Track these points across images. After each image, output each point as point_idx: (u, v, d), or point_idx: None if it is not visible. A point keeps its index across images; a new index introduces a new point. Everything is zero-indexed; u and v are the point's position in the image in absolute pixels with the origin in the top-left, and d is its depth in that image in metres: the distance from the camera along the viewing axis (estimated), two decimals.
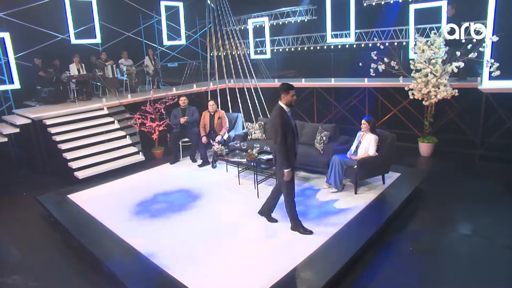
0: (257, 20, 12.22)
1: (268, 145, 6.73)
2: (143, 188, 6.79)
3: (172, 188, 6.74)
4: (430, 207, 5.69)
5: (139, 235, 5.09)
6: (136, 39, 12.70)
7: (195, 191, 6.55)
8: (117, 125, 8.69)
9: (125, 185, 7.06)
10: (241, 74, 10.23)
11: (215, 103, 8.09)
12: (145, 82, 11.97)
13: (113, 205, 6.16)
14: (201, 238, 4.90)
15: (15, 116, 8.77)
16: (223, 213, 5.61)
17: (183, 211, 5.78)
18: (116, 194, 6.62)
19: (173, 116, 8.36)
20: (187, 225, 5.30)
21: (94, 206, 6.12)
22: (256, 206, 5.67)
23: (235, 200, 6.04)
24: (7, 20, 10.03)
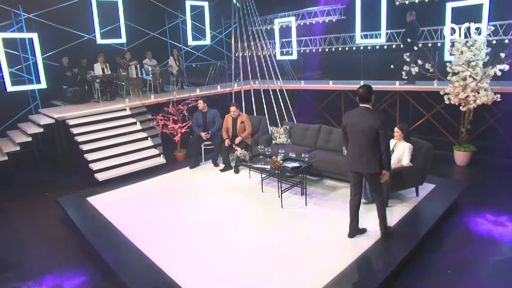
0: (283, 20, 11.91)
1: (294, 151, 6.38)
2: (162, 193, 6.59)
3: (191, 194, 6.50)
4: (468, 223, 5.19)
5: (154, 244, 4.84)
6: (161, 39, 12.61)
7: (216, 197, 6.28)
8: (139, 127, 8.55)
9: (144, 189, 6.88)
10: (266, 75, 10.01)
11: (237, 109, 7.79)
12: (169, 82, 11.84)
13: (130, 210, 5.96)
14: (219, 249, 4.60)
15: (40, 116, 8.77)
16: (244, 224, 5.28)
17: (202, 219, 5.50)
18: (135, 199, 6.44)
19: (194, 119, 8.17)
20: (205, 235, 5.01)
21: (112, 210, 5.95)
22: (279, 216, 5.35)
23: (257, 210, 5.72)
24: (36, 21, 10.08)
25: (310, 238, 4.73)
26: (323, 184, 6.58)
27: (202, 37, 12.76)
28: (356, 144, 4.26)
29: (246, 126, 7.77)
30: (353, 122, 4.23)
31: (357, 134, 4.23)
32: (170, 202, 6.19)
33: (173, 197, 6.41)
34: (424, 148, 5.56)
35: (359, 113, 4.23)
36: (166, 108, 8.67)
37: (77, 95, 9.76)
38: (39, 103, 9.83)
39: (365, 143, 4.20)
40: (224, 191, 6.52)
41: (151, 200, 6.31)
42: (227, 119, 7.88)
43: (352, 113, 4.29)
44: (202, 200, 6.21)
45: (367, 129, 4.14)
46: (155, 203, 6.20)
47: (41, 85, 9.37)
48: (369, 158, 4.23)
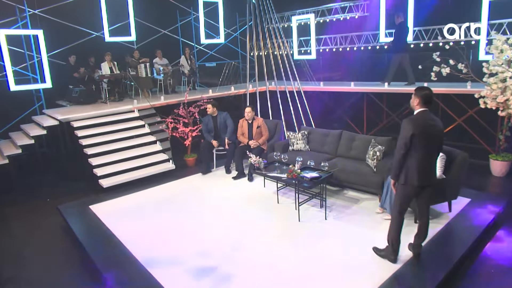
0: (302, 17, 11.68)
1: (313, 158, 6.08)
2: (170, 202, 6.39)
3: (202, 204, 6.29)
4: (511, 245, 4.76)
5: (160, 260, 4.61)
6: (172, 37, 12.57)
7: (227, 208, 6.05)
8: (148, 130, 8.42)
9: (151, 197, 6.69)
10: (283, 76, 9.86)
11: (252, 110, 7.60)
12: (181, 82, 11.74)
13: (135, 220, 5.77)
14: (230, 267, 4.32)
15: (44, 117, 8.72)
16: (257, 239, 5.01)
17: (212, 233, 5.26)
18: (140, 208, 6.25)
19: (204, 125, 8.01)
20: (216, 251, 4.75)
21: (116, 220, 5.77)
22: (296, 231, 5.08)
23: (272, 223, 5.46)
24: (42, 17, 10.03)
25: (330, 257, 4.44)
26: (344, 195, 6.29)
27: (216, 35, 12.66)
28: (428, 154, 3.93)
29: (263, 131, 7.61)
30: (425, 129, 3.85)
31: (429, 142, 3.90)
32: (178, 212, 5.99)
33: (182, 206, 6.21)
34: (459, 158, 5.18)
35: (428, 117, 3.89)
36: (176, 110, 8.54)
37: (83, 96, 9.69)
38: (43, 103, 9.78)
39: (435, 152, 3.99)
40: (236, 201, 6.30)
41: (158, 210, 6.12)
42: (242, 123, 7.72)
43: (421, 119, 3.88)
44: (213, 210, 5.99)
45: (439, 135, 3.91)
46: (162, 213, 6.00)
47: (46, 84, 9.31)
48: (434, 168, 4.09)
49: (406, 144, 3.87)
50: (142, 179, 7.44)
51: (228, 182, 7.24)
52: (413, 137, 3.84)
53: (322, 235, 4.97)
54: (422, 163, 3.92)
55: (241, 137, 7.66)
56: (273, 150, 7.44)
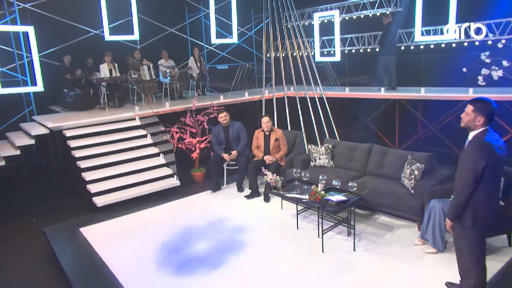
0: (325, 14, 11.40)
1: (339, 177, 5.77)
2: (174, 225, 6.12)
3: (209, 228, 6.01)
4: None
5: None
6: (180, 36, 12.57)
7: (238, 233, 5.75)
8: (150, 140, 8.25)
9: (151, 219, 6.45)
10: (303, 80, 9.69)
11: (270, 121, 7.36)
12: (189, 87, 11.70)
13: (131, 247, 5.49)
14: None
15: (33, 124, 8.58)
16: (273, 272, 4.67)
17: (221, 263, 4.93)
18: (139, 232, 5.99)
19: (214, 136, 7.83)
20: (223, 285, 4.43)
21: (109, 246, 5.51)
22: (320, 264, 4.75)
23: (290, 253, 5.12)
24: (33, 12, 9.95)
25: None
26: (375, 221, 5.94)
27: (228, 35, 12.51)
28: (498, 185, 3.59)
29: (281, 144, 7.38)
30: (497, 155, 3.39)
31: (500, 170, 3.54)
32: (182, 236, 5.74)
33: (187, 230, 5.97)
34: None
35: (495, 138, 3.44)
36: (183, 118, 8.45)
37: (78, 101, 9.59)
38: (34, 108, 9.69)
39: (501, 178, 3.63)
40: (249, 224, 6.04)
41: (159, 234, 5.85)
42: (258, 135, 7.51)
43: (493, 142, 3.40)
44: (222, 235, 5.72)
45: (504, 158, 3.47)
46: (165, 238, 5.73)
47: (38, 87, 9.11)
48: None
49: (477, 178, 3.34)
50: (142, 197, 7.25)
51: (241, 202, 7.03)
52: (485, 168, 3.33)
53: (350, 269, 4.64)
54: (494, 198, 3.48)
55: (256, 151, 7.47)
56: (292, 166, 7.20)
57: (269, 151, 7.33)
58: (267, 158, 7.16)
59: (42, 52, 9.87)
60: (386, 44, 9.29)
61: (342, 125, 9.90)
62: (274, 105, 9.45)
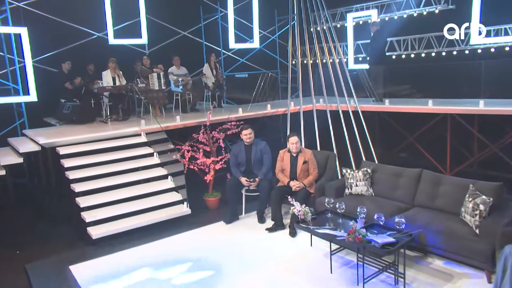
0: (360, 15, 11.34)
1: (381, 209, 5.47)
2: (182, 263, 5.88)
3: (225, 267, 5.69)
4: None
5: None
6: (194, 40, 12.62)
7: (258, 274, 5.43)
8: (157, 160, 8.04)
9: (155, 255, 6.18)
10: (335, 90, 9.38)
11: (299, 140, 7.10)
12: (203, 98, 11.59)
13: None
14: None
15: (24, 140, 8.47)
16: None
17: None
18: (139, 272, 5.70)
19: (232, 156, 7.61)
20: None
21: None
22: None
23: None
24: (27, 11, 9.90)
25: None
26: (428, 266, 5.43)
27: (249, 39, 12.55)
28: None
29: (311, 168, 7.06)
30: None
31: None
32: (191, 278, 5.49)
33: (197, 270, 5.71)
34: None
35: None
36: (195, 134, 8.29)
37: (77, 112, 9.40)
38: (25, 121, 9.64)
39: None
40: (272, 264, 5.73)
41: (164, 274, 5.60)
42: (283, 156, 7.20)
43: None
44: (239, 277, 5.42)
45: None
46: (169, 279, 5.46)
47: (30, 97, 9.21)
48: None
49: None
50: (145, 228, 6.99)
51: (262, 236, 6.74)
52: None
53: None
54: None
55: (280, 175, 7.16)
56: (323, 193, 6.84)
57: (296, 175, 7.01)
58: (294, 184, 6.85)
59: (37, 57, 9.84)
60: (374, 53, 9.76)
61: (380, 144, 9.59)
62: (301, 120, 9.14)
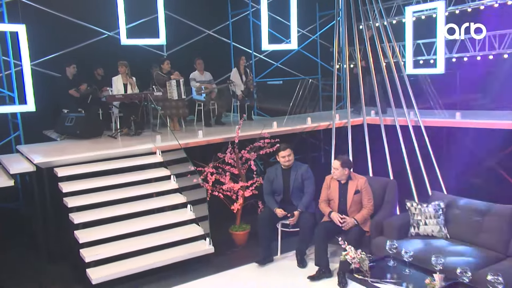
0: (421, 8, 10.77)
1: (461, 257, 5.21)
2: None
3: None
4: None
5: None
6: (220, 40, 12.61)
7: None
8: (175, 184, 7.82)
9: None
10: (390, 100, 9.05)
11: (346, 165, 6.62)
12: (230, 108, 11.59)
13: None
14: None
15: (17, 157, 8.29)
16: None
17: None
18: None
19: (267, 181, 7.26)
20: None
21: None
22: None
23: None
24: (25, 5, 9.90)
25: None
26: None
27: (285, 39, 12.27)
28: None
29: (364, 199, 6.59)
30: None
31: None
32: None
33: None
34: None
35: None
36: (221, 154, 8.03)
37: (81, 125, 9.18)
38: (21, 134, 9.61)
39: None
40: None
41: None
42: (329, 183, 6.78)
43: None
44: None
45: None
46: None
47: (28, 106, 9.02)
48: None
49: None
50: (157, 270, 6.75)
51: (302, 285, 6.38)
52: None
53: None
54: None
55: (323, 205, 6.79)
56: (381, 232, 6.39)
57: (346, 208, 6.58)
58: (345, 220, 6.44)
59: (36, 59, 9.88)
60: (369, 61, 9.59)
61: (449, 168, 9.04)
62: (349, 137, 8.83)
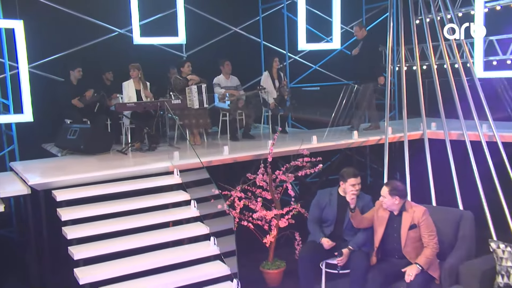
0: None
1: None
2: None
3: None
4: None
5: None
6: (249, 38, 12.63)
7: None
8: (195, 211, 7.55)
9: None
10: (458, 110, 8.65)
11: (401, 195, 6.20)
12: (260, 119, 11.42)
13: None
14: None
15: (9, 176, 8.25)
16: None
17: None
18: None
19: (316, 207, 6.89)
20: None
21: None
22: None
23: None
24: None
25: None
26: None
27: (325, 37, 12.45)
28: None
29: (425, 235, 6.12)
30: None
31: None
32: None
33: None
34: None
35: None
36: (251, 175, 7.74)
37: (86, 139, 9.08)
38: (16, 149, 9.60)
39: None
40: None
41: None
42: (378, 211, 6.43)
43: None
44: None
45: None
46: None
47: (24, 116, 9.19)
48: None
49: None
50: None
51: None
52: None
53: None
54: None
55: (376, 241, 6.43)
56: (455, 279, 5.86)
57: (400, 246, 6.18)
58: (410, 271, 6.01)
59: (35, 61, 9.95)
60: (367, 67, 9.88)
61: None
62: (405, 155, 8.53)
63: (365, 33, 10.23)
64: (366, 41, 10.14)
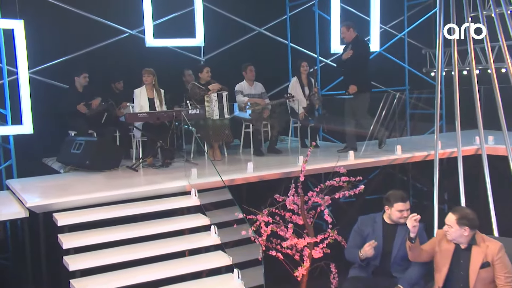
0: None
1: None
2: None
3: None
4: None
5: None
6: (274, 40, 12.66)
7: None
8: (216, 238, 7.38)
9: None
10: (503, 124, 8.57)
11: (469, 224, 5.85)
12: (288, 131, 11.36)
13: None
14: None
15: (5, 196, 8.22)
16: None
17: None
18: None
19: (357, 234, 6.58)
20: None
21: None
22: None
23: None
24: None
25: None
26: None
27: None
28: None
29: (500, 276, 5.72)
30: None
31: None
32: None
33: None
34: None
35: None
36: (279, 196, 7.40)
37: (92, 153, 9.04)
38: (13, 164, 9.63)
39: None
40: None
41: None
42: (441, 242, 6.07)
43: None
44: None
45: None
46: None
47: (23, 127, 9.31)
48: None
49: None
50: None
51: None
52: None
53: None
54: None
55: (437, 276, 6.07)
56: None
57: (467, 286, 5.80)
58: None
59: (37, 66, 9.98)
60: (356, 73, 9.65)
61: None
62: (460, 175, 8.17)
63: (354, 34, 9.86)
64: (355, 44, 9.85)
